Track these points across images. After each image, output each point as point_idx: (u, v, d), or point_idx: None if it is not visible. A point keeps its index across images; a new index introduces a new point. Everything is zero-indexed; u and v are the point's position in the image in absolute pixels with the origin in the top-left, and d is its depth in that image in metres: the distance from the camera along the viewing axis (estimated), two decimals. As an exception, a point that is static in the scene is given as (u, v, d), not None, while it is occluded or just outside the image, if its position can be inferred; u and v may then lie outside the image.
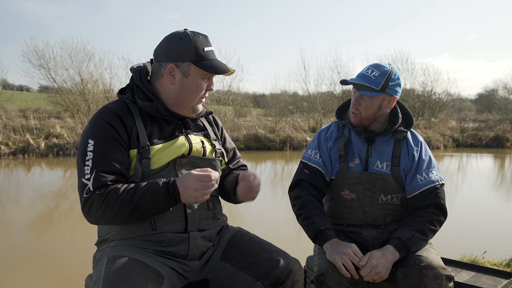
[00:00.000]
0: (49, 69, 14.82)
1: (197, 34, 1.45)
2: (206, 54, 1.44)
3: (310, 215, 1.72)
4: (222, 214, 1.61)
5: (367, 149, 1.81)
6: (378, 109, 1.77)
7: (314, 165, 1.82)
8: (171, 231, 1.42)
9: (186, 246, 1.43)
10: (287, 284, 1.40)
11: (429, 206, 1.72)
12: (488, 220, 5.72)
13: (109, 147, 1.36)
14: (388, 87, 1.73)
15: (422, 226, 1.67)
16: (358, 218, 1.80)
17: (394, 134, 1.82)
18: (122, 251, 1.36)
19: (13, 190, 7.80)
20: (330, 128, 1.92)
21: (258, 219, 5.52)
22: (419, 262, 1.54)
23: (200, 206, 1.49)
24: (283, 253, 1.47)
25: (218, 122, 1.74)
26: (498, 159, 14.11)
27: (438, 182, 1.75)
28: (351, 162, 1.81)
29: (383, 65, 1.75)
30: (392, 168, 1.78)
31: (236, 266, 1.45)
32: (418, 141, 1.84)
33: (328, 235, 1.67)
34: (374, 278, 1.54)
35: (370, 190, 1.78)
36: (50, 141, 12.02)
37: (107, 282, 1.23)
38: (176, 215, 1.43)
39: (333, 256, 1.58)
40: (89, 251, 1.65)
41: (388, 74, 1.73)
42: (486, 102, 30.77)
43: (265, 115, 21.43)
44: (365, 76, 1.74)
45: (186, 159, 1.48)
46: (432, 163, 1.79)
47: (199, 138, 1.56)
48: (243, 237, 1.54)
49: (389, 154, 1.80)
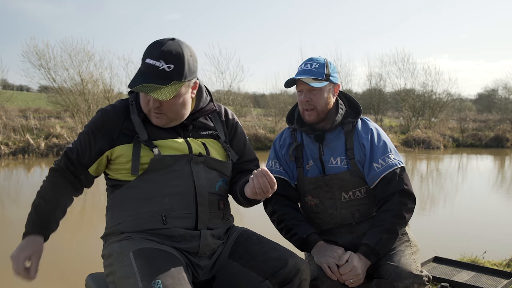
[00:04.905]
0: (49, 69, 14.84)
1: (156, 43, 1.37)
2: (143, 65, 1.37)
3: (290, 226, 1.72)
4: (230, 215, 1.61)
5: (318, 148, 1.78)
6: (328, 99, 1.75)
7: (276, 175, 1.75)
8: (182, 227, 1.42)
9: (197, 243, 1.43)
10: (294, 283, 1.41)
11: (394, 195, 1.66)
12: (488, 220, 5.72)
13: (83, 138, 1.47)
14: (331, 75, 1.75)
15: (389, 224, 1.63)
16: (326, 221, 1.79)
17: (343, 126, 1.78)
18: (143, 244, 1.35)
19: (13, 190, 7.80)
20: (283, 135, 1.88)
21: (262, 220, 5.49)
22: (389, 273, 1.52)
23: (212, 205, 1.49)
24: (290, 252, 1.47)
25: (230, 117, 1.66)
26: (498, 159, 14.10)
27: (396, 166, 1.69)
28: (307, 165, 1.79)
29: (317, 58, 1.77)
30: (348, 161, 1.74)
31: (243, 265, 1.45)
32: (369, 128, 1.77)
33: (312, 240, 1.68)
34: (352, 280, 1.55)
35: (329, 192, 1.75)
36: (50, 141, 12.02)
37: (144, 274, 1.23)
38: (187, 211, 1.43)
39: (320, 259, 1.61)
40: (89, 251, 1.66)
41: (326, 64, 1.75)
42: (486, 102, 30.74)
43: (265, 115, 21.40)
44: (307, 70, 1.73)
45: (202, 158, 1.48)
46: (387, 148, 1.73)
47: (201, 141, 1.53)
48: (250, 237, 1.54)
49: (341, 148, 1.75)
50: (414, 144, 16.28)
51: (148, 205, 1.42)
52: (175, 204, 1.42)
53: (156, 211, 1.41)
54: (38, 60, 14.67)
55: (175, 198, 1.42)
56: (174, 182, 1.43)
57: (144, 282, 1.21)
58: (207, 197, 1.47)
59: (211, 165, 1.51)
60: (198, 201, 1.44)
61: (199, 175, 1.46)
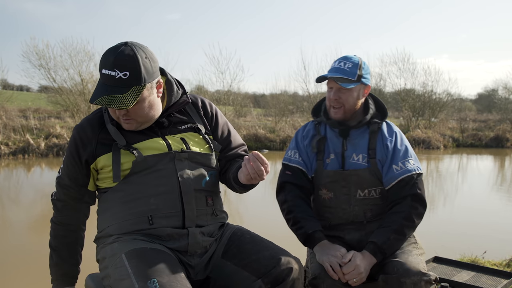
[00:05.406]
0: (49, 69, 14.88)
1: (108, 51, 1.34)
2: (101, 76, 1.35)
3: (298, 219, 1.73)
4: (222, 211, 1.60)
5: (342, 143, 1.80)
6: (357, 99, 1.78)
7: (294, 165, 1.81)
8: (169, 226, 1.41)
9: (185, 242, 1.42)
10: (287, 283, 1.40)
11: (406, 198, 1.68)
12: (488, 220, 5.72)
13: (68, 161, 1.49)
14: (363, 76, 1.77)
15: (398, 225, 1.64)
16: (338, 216, 1.80)
17: (368, 126, 1.81)
18: (134, 244, 1.35)
19: (13, 190, 7.80)
20: (307, 127, 1.92)
21: (258, 219, 5.52)
22: (397, 269, 1.53)
23: (199, 202, 1.48)
24: (284, 251, 1.47)
25: (208, 108, 1.63)
26: (498, 159, 14.10)
27: (415, 172, 1.72)
28: (327, 159, 1.80)
29: (352, 57, 1.79)
30: (369, 160, 1.76)
31: (236, 264, 1.44)
32: (393, 131, 1.83)
33: (317, 237, 1.68)
34: (355, 279, 1.54)
35: (346, 187, 1.77)
36: (50, 141, 12.02)
37: (139, 274, 1.22)
38: (173, 210, 1.42)
39: (322, 258, 1.61)
40: (89, 251, 1.65)
41: (359, 64, 1.76)
42: (486, 102, 30.72)
43: (265, 115, 21.41)
44: (339, 69, 1.75)
45: (186, 154, 1.47)
46: (408, 153, 1.76)
47: (179, 136, 1.51)
48: (244, 235, 1.53)
49: (364, 146, 1.78)
50: (414, 144, 16.27)
51: (133, 206, 1.41)
52: (161, 203, 1.42)
53: (142, 211, 1.41)
54: (38, 60, 14.73)
55: (160, 198, 1.42)
56: (158, 181, 1.42)
57: (140, 282, 1.20)
58: (193, 194, 1.45)
59: (196, 159, 1.50)
60: (184, 199, 1.43)
61: (183, 172, 1.45)
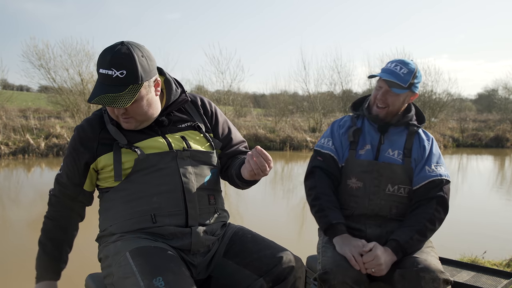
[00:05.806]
0: (49, 69, 14.86)
1: (105, 51, 1.35)
2: (98, 76, 1.36)
3: (324, 207, 1.75)
4: (223, 210, 1.60)
5: (379, 137, 1.84)
6: (402, 104, 1.83)
7: (326, 151, 1.86)
8: (172, 224, 1.41)
9: (188, 241, 1.42)
10: (289, 281, 1.40)
11: (432, 200, 1.72)
12: (488, 220, 5.72)
13: (68, 160, 1.50)
14: (414, 85, 1.80)
15: (422, 226, 1.66)
16: (363, 206, 1.80)
17: (408, 127, 1.85)
18: (138, 242, 1.35)
19: (13, 190, 7.80)
20: (344, 118, 1.97)
21: (259, 219, 5.52)
22: (417, 264, 1.53)
23: (201, 200, 1.48)
24: (285, 250, 1.47)
25: (207, 106, 1.64)
26: (498, 159, 14.11)
27: (445, 177, 1.77)
28: (361, 150, 1.83)
29: (409, 63, 1.81)
30: (404, 157, 1.80)
31: (238, 263, 1.45)
32: (430, 137, 1.89)
33: (339, 229, 1.70)
34: (374, 269, 1.54)
35: (377, 179, 1.79)
36: (50, 141, 12.02)
37: (144, 272, 1.22)
38: (176, 209, 1.42)
39: (344, 249, 1.62)
40: (89, 251, 1.66)
41: (414, 72, 1.79)
42: (486, 102, 30.72)
43: (265, 115, 21.41)
44: (394, 72, 1.78)
45: (188, 152, 1.48)
46: (441, 160, 1.82)
47: (180, 135, 1.52)
48: (245, 235, 1.54)
49: (401, 144, 1.82)
50: (414, 144, 16.27)
51: (136, 205, 1.41)
52: (164, 202, 1.42)
53: (145, 210, 1.41)
54: (38, 60, 14.70)
55: (163, 196, 1.42)
56: (161, 180, 1.43)
57: (145, 280, 1.20)
58: (196, 192, 1.46)
59: (198, 158, 1.50)
60: (187, 198, 1.43)
61: (186, 171, 1.46)
